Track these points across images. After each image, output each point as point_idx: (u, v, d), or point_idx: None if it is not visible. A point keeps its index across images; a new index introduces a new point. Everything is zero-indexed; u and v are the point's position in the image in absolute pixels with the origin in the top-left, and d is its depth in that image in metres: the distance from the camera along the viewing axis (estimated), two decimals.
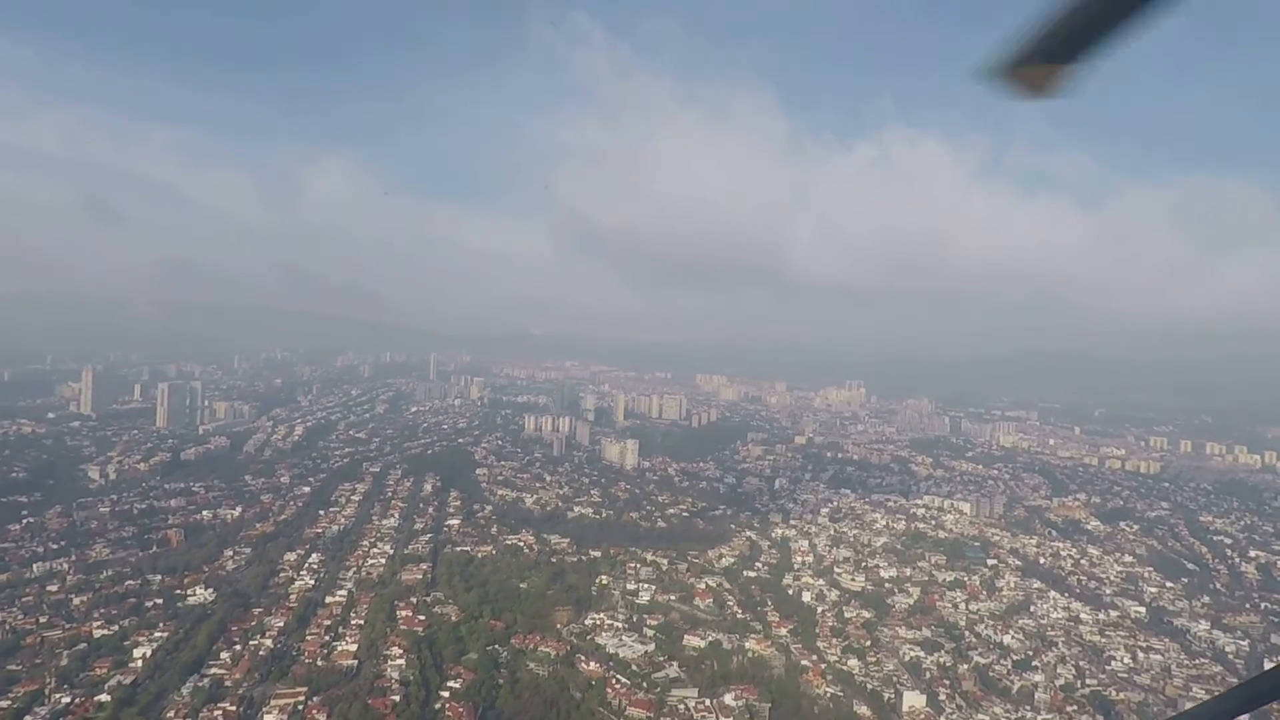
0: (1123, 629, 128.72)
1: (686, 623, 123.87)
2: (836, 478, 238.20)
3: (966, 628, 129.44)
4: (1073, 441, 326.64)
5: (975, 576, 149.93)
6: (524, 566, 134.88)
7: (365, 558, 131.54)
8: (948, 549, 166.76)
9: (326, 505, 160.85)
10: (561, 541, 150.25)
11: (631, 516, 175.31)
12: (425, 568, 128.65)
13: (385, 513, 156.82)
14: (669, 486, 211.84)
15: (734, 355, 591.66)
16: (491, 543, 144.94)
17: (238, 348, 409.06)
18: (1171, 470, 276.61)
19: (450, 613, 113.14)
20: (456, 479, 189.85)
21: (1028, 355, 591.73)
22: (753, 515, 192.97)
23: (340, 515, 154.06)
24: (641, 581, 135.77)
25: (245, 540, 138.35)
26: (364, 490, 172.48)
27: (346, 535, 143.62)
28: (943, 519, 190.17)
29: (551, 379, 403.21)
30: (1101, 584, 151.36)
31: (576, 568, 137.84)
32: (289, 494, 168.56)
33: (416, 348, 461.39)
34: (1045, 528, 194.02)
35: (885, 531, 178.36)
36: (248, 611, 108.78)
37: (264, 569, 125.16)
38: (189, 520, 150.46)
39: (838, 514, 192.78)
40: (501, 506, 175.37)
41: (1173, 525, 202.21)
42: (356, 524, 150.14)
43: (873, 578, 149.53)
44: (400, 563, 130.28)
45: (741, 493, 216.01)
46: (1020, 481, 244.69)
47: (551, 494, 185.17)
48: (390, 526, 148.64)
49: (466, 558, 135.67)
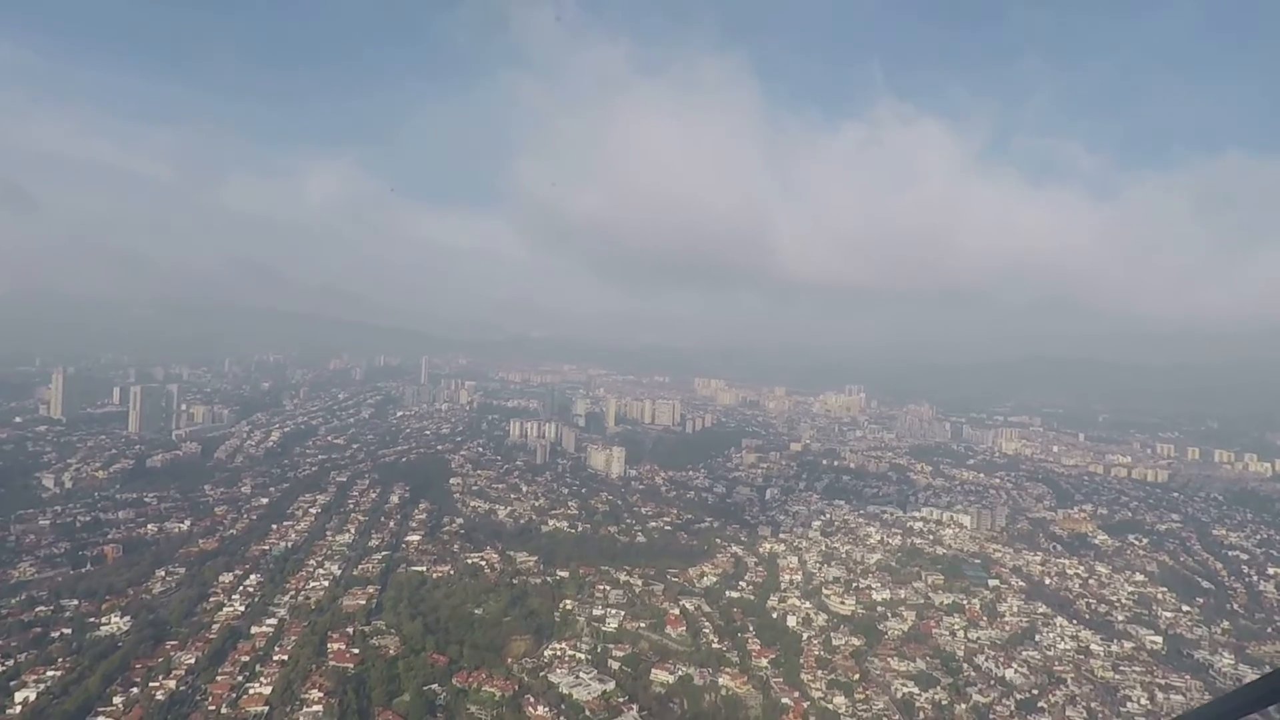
0: (1138, 663, 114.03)
1: (656, 654, 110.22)
2: (831, 487, 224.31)
3: (965, 659, 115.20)
4: (1077, 448, 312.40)
5: (975, 599, 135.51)
6: (482, 589, 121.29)
7: (308, 579, 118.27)
8: (946, 567, 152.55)
9: (281, 519, 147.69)
10: (529, 560, 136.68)
11: (609, 530, 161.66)
12: (372, 591, 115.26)
13: (342, 527, 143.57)
14: (655, 496, 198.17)
15: (734, 359, 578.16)
16: (451, 561, 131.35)
17: (233, 350, 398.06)
18: (1180, 479, 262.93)
19: (389, 645, 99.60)
20: (428, 489, 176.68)
21: (1031, 360, 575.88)
22: (741, 528, 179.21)
23: (293, 530, 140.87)
24: (610, 606, 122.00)
25: (183, 558, 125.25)
26: (325, 502, 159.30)
27: (294, 553, 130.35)
28: (941, 533, 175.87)
29: (547, 383, 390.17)
30: (1112, 608, 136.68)
31: (541, 590, 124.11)
32: (246, 505, 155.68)
33: (413, 351, 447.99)
34: (1050, 542, 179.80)
35: (880, 547, 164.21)
36: (160, 645, 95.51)
37: (194, 593, 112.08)
38: (132, 535, 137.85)
39: (830, 527, 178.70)
40: (472, 519, 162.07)
41: (1184, 539, 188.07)
42: (309, 540, 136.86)
43: (864, 600, 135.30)
44: (344, 585, 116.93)
45: (731, 503, 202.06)
46: (1023, 491, 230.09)
47: (526, 505, 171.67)
48: (343, 543, 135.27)
49: (420, 579, 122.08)
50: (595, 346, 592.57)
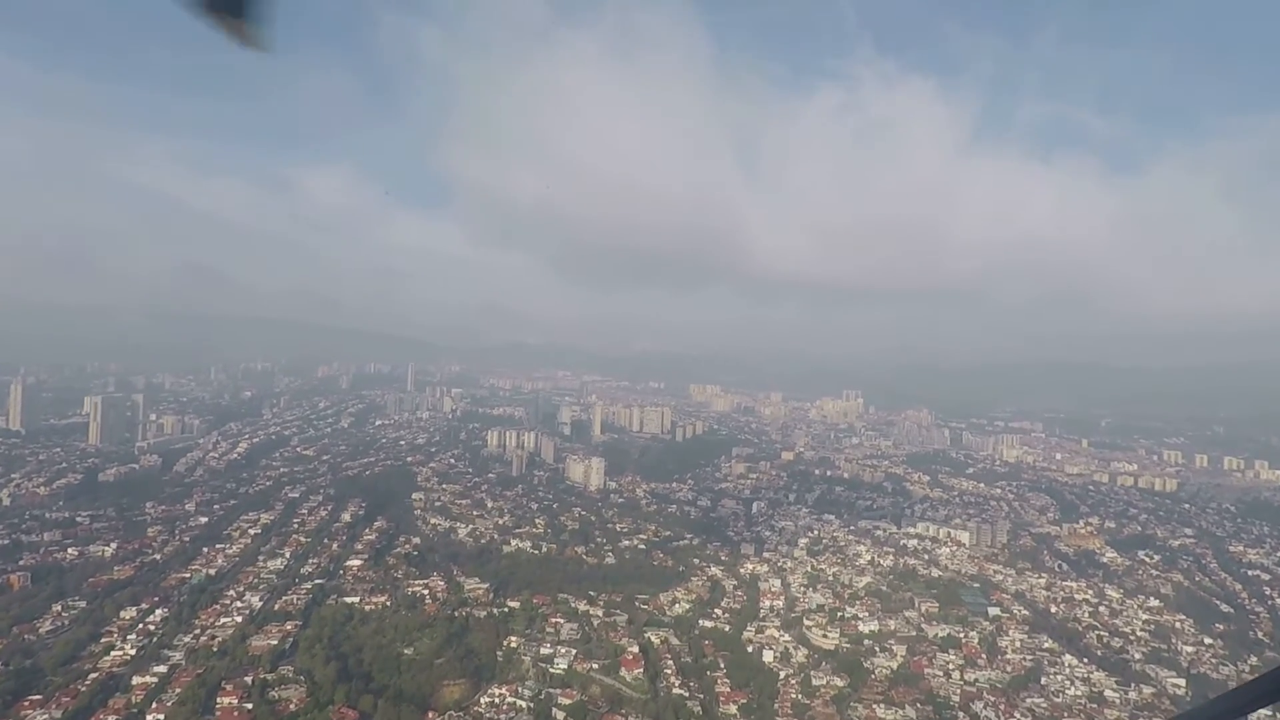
0: (1159, 712, 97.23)
1: (607, 701, 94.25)
2: (823, 499, 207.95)
3: (961, 706, 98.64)
4: (1080, 455, 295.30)
5: (973, 631, 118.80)
6: (419, 624, 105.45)
7: (220, 615, 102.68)
8: (941, 592, 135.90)
9: (215, 540, 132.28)
10: (479, 587, 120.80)
11: (577, 551, 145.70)
12: (290, 628, 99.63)
13: (278, 550, 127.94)
14: (634, 511, 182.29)
15: (732, 365, 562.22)
16: (390, 590, 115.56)
17: (225, 358, 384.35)
18: (1189, 489, 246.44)
19: (292, 697, 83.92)
20: (387, 505, 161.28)
21: (1031, 363, 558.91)
22: (723, 546, 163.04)
23: (223, 554, 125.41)
24: (561, 643, 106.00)
25: (89, 589, 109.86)
26: (269, 520, 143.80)
27: (215, 582, 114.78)
28: (937, 552, 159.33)
29: (539, 389, 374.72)
30: (1127, 642, 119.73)
31: (485, 624, 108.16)
32: (183, 525, 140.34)
33: (407, 358, 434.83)
34: (1055, 560, 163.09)
35: (870, 569, 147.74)
36: (19, 701, 79.97)
37: (85, 632, 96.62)
38: (48, 559, 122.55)
39: (818, 545, 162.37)
40: (430, 539, 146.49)
41: (1199, 556, 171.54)
42: (238, 566, 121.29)
43: (850, 632, 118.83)
44: (259, 622, 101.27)
45: (715, 518, 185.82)
46: (1026, 503, 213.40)
47: (490, 523, 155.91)
48: (274, 570, 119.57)
49: (349, 612, 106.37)
50: (592, 353, 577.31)
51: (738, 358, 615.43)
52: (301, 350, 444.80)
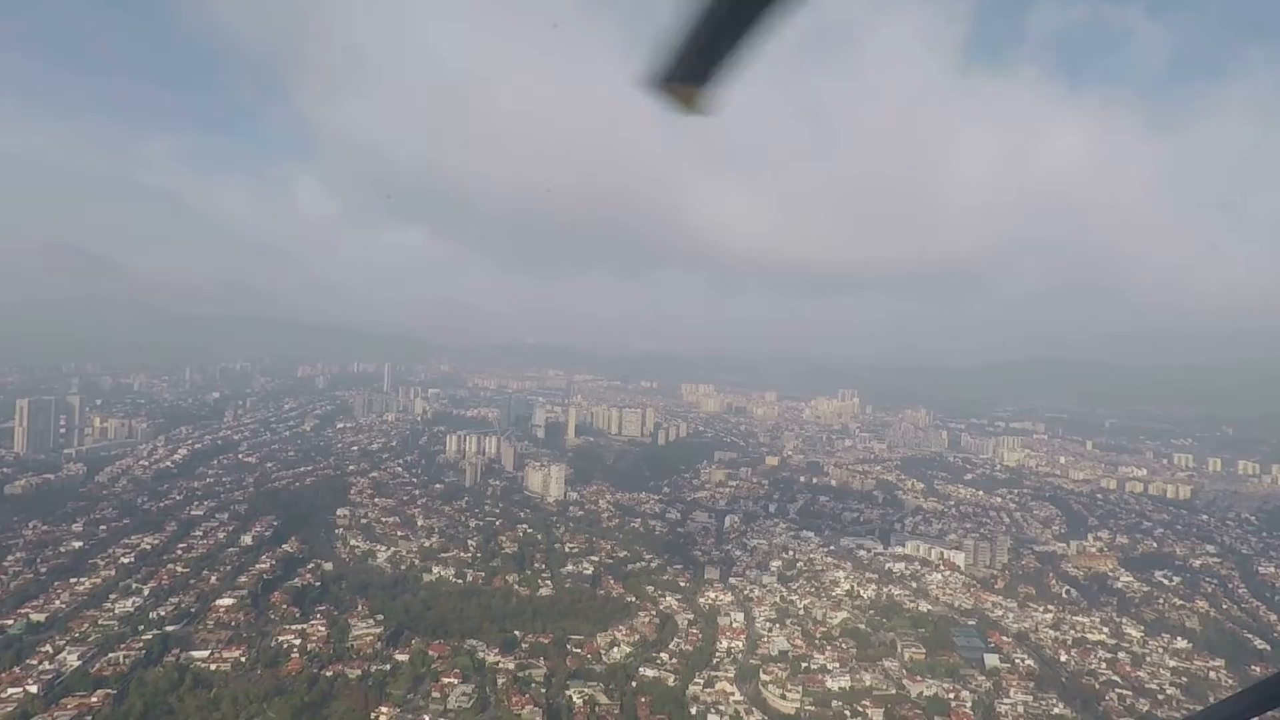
0: None
1: None
2: (806, 511, 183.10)
3: None
4: (1085, 458, 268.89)
5: (965, 690, 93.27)
6: (269, 689, 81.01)
7: (22, 679, 78.75)
8: (930, 632, 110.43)
9: (76, 572, 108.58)
10: (369, 633, 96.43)
11: (508, 580, 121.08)
12: (96, 701, 75.52)
13: (141, 585, 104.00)
14: (591, 527, 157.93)
15: (730, 364, 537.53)
16: (250, 641, 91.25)
17: (209, 357, 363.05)
18: (1204, 496, 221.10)
19: None
20: (305, 523, 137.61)
21: (1033, 361, 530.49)
22: (685, 568, 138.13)
23: (73, 590, 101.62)
24: (445, 715, 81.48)
25: None
26: (152, 545, 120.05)
27: (42, 629, 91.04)
28: (927, 579, 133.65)
29: (525, 389, 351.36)
30: (1154, 703, 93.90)
31: (357, 688, 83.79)
32: (52, 550, 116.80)
33: (401, 357, 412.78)
34: (1063, 586, 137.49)
35: (847, 601, 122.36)
36: None
37: None
38: None
39: (791, 570, 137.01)
40: (342, 566, 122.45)
41: (1225, 579, 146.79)
42: (80, 607, 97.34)
43: (815, 689, 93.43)
44: (63, 688, 77.37)
45: (682, 534, 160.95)
46: (1028, 514, 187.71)
47: (415, 546, 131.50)
48: (121, 612, 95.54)
49: (185, 674, 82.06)
50: (589, 353, 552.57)
51: (737, 357, 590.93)
52: (301, 351, 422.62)
